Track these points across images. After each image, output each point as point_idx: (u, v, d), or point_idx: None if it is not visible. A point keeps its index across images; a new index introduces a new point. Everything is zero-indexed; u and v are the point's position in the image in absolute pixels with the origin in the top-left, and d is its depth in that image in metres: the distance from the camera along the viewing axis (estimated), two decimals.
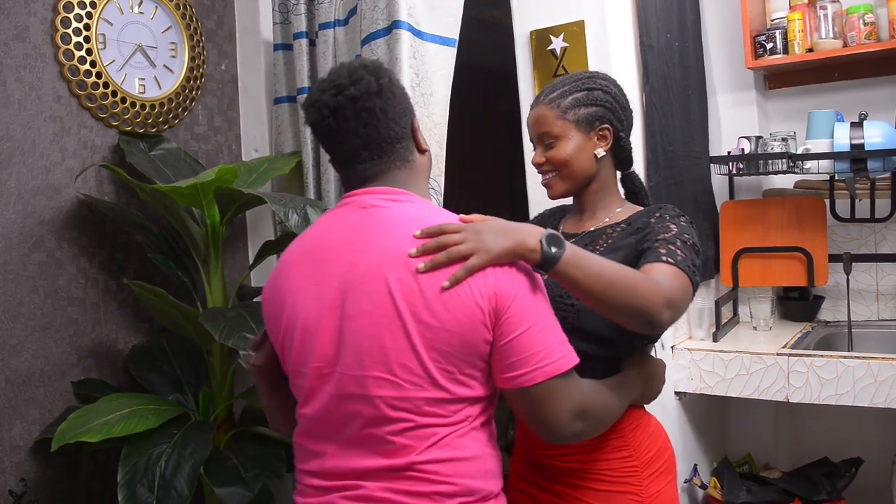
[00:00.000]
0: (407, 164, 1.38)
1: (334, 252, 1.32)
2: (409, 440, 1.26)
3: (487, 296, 1.23)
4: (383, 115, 1.33)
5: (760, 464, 2.78)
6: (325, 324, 1.30)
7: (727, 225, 2.73)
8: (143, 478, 1.96)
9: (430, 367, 1.24)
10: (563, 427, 1.28)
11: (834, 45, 2.56)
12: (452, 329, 1.23)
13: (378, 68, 1.36)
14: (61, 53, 2.36)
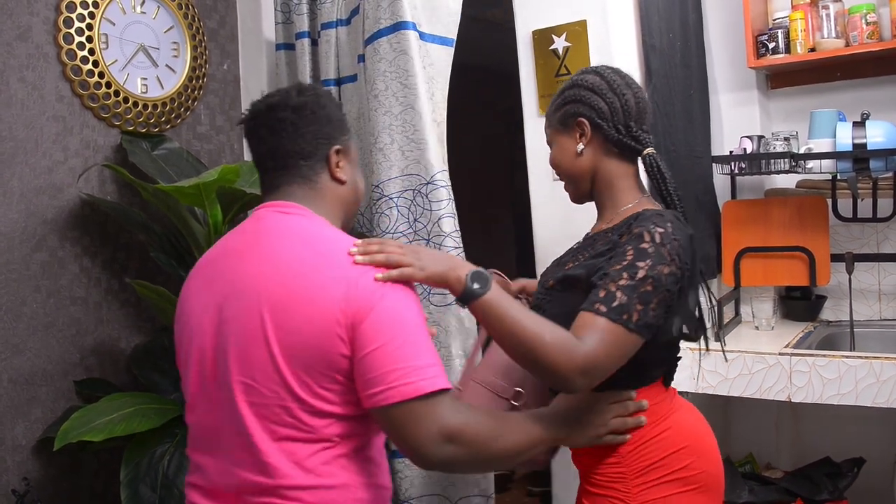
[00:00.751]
0: (308, 184, 1.40)
1: (223, 262, 1.37)
2: (275, 459, 1.26)
3: (346, 309, 1.22)
4: (292, 129, 1.38)
5: (762, 463, 2.78)
6: (205, 329, 1.34)
7: (729, 224, 2.73)
8: (145, 477, 1.97)
9: (287, 376, 1.24)
10: (429, 451, 1.22)
11: (836, 44, 2.56)
12: (309, 339, 1.23)
13: (309, 90, 1.43)
14: (64, 53, 2.37)
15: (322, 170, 1.41)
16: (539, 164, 2.29)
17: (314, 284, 1.24)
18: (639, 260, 1.35)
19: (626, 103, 1.52)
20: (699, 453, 1.51)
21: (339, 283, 1.24)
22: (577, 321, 1.34)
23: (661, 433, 1.49)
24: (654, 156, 1.53)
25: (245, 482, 1.28)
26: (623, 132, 1.52)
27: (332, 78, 2.57)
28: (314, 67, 2.68)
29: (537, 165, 2.29)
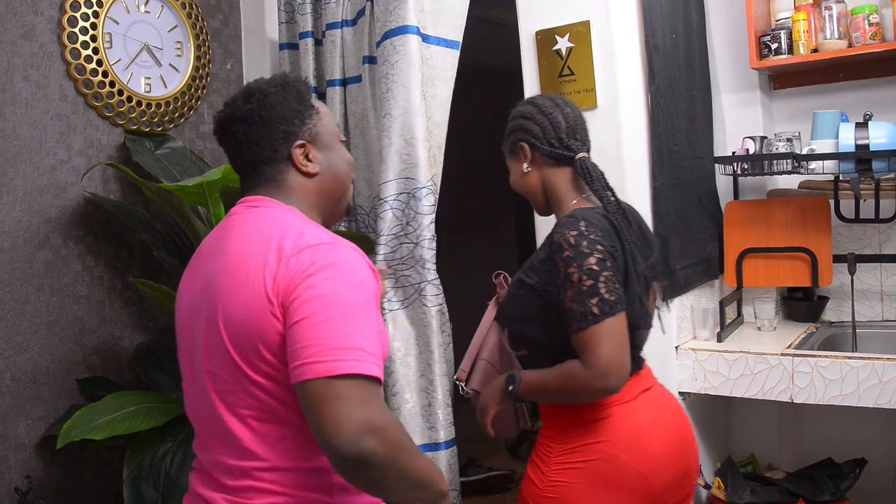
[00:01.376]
0: (275, 183, 1.41)
1: (203, 257, 1.42)
2: (250, 442, 1.26)
3: (277, 286, 1.22)
4: (246, 140, 1.39)
5: (764, 464, 2.78)
6: (186, 323, 1.39)
7: (731, 225, 2.73)
8: (147, 475, 1.97)
9: (237, 360, 1.25)
10: (347, 440, 1.12)
11: (839, 45, 2.56)
12: (248, 320, 1.23)
13: (255, 94, 1.40)
14: (68, 52, 2.37)
15: (287, 168, 1.41)
16: None
17: (253, 266, 1.25)
18: (568, 268, 1.56)
19: (554, 122, 1.74)
20: (627, 449, 1.60)
21: (273, 260, 1.24)
22: (576, 344, 1.56)
23: (595, 421, 1.63)
24: (583, 160, 1.72)
25: (228, 466, 1.29)
26: (556, 145, 1.73)
27: (337, 78, 2.57)
28: (318, 67, 2.68)
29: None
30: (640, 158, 2.26)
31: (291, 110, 1.42)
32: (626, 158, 2.17)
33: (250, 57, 2.97)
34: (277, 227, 1.30)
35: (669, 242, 2.34)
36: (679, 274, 2.41)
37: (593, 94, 2.19)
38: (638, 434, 1.62)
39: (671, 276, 2.35)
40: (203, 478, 1.37)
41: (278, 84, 1.43)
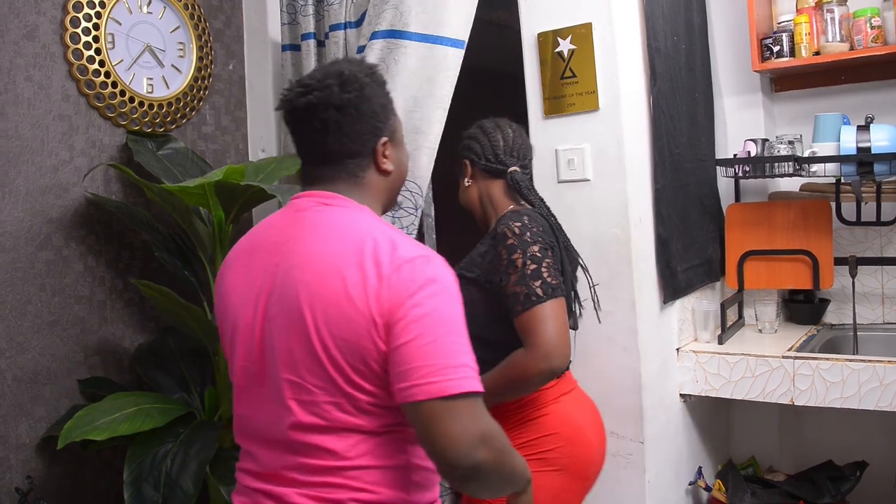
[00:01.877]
0: (355, 179, 1.38)
1: (264, 253, 1.36)
2: (329, 444, 1.26)
3: (381, 305, 1.21)
4: (336, 129, 1.34)
5: (765, 467, 2.78)
6: (249, 323, 1.33)
7: (733, 227, 2.73)
8: (148, 476, 1.97)
9: (331, 373, 1.24)
10: (462, 452, 1.16)
11: (841, 48, 2.56)
12: (349, 335, 1.22)
13: (351, 79, 1.35)
14: (70, 53, 2.37)
15: (369, 165, 1.39)
16: (543, 165, 2.29)
17: (351, 281, 1.22)
18: (512, 254, 1.74)
19: (493, 141, 1.97)
20: (569, 440, 1.82)
21: (373, 277, 1.22)
22: (518, 325, 1.71)
23: (539, 418, 1.83)
24: (513, 173, 1.94)
25: (305, 465, 1.28)
26: (491, 160, 1.96)
27: None
28: None
29: (542, 167, 2.29)
30: (641, 161, 2.27)
31: (381, 105, 1.40)
32: (628, 160, 2.18)
33: (252, 58, 2.97)
34: (366, 235, 1.27)
35: (670, 244, 2.34)
36: (680, 276, 2.41)
37: (595, 97, 2.19)
38: (579, 428, 1.85)
39: (672, 278, 2.35)
40: (262, 474, 1.34)
41: (369, 73, 1.39)
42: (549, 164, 2.28)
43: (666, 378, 2.37)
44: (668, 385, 2.38)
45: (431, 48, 2.31)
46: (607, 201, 2.20)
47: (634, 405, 2.20)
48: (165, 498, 1.94)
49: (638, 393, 2.19)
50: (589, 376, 2.25)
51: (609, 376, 2.23)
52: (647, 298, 2.24)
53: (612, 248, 2.20)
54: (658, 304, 2.32)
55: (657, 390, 2.29)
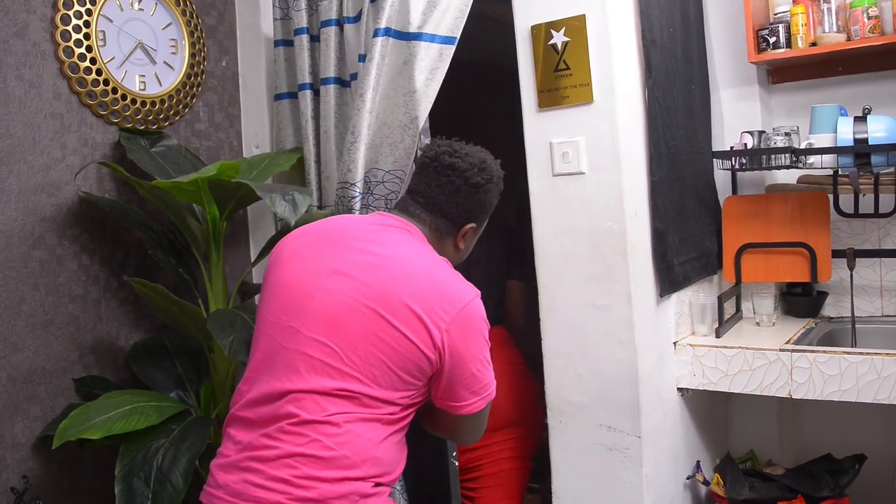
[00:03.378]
0: (438, 234, 1.72)
1: (345, 243, 1.62)
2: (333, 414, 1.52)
3: (443, 340, 1.55)
4: (454, 194, 1.70)
5: (763, 460, 2.77)
6: (312, 287, 1.58)
7: (730, 220, 2.72)
8: (139, 471, 1.98)
9: (376, 371, 1.54)
10: (476, 438, 1.79)
11: (837, 39, 2.54)
12: (407, 350, 1.53)
13: (487, 170, 1.75)
14: (61, 50, 2.36)
15: (452, 235, 1.74)
16: (538, 159, 2.28)
17: (427, 308, 1.53)
18: None
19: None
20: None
21: (445, 314, 1.54)
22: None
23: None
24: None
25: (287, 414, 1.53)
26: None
27: (331, 76, 2.55)
28: (313, 64, 2.66)
29: (536, 160, 2.28)
30: (637, 153, 2.25)
31: (490, 202, 1.78)
32: (623, 153, 2.16)
33: (246, 54, 2.96)
34: (440, 275, 1.61)
35: (667, 237, 2.33)
36: (677, 269, 2.40)
37: (589, 89, 2.17)
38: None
39: (669, 271, 2.34)
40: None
41: (500, 175, 1.80)
42: (544, 158, 2.27)
43: (663, 372, 2.36)
44: (665, 379, 2.37)
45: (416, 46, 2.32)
46: (602, 194, 2.18)
47: (631, 399, 2.19)
48: (155, 493, 1.94)
49: (635, 387, 2.18)
50: (585, 370, 2.25)
51: (605, 370, 2.22)
52: (643, 292, 2.23)
53: (607, 242, 2.18)
54: (655, 298, 2.31)
55: (654, 384, 2.28)
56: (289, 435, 1.50)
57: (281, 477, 1.48)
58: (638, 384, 2.18)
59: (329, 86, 2.54)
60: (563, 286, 2.27)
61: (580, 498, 2.31)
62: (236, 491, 1.50)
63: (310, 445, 1.49)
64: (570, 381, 2.28)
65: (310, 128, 2.62)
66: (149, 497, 1.94)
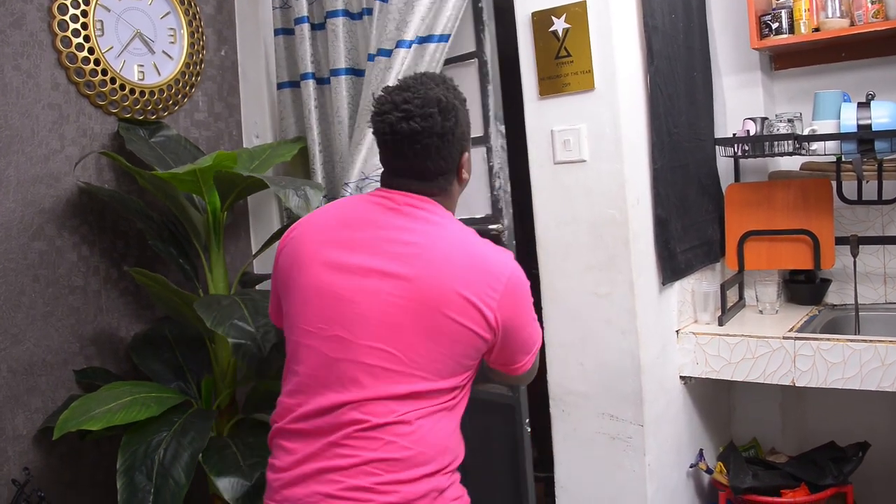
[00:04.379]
0: (442, 192, 1.57)
1: (365, 231, 1.51)
2: (383, 410, 1.44)
3: (496, 319, 1.48)
4: (436, 153, 1.51)
5: (766, 448, 2.76)
6: (342, 290, 1.48)
7: (733, 207, 2.71)
8: (141, 465, 1.97)
9: (424, 353, 1.45)
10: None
11: (841, 24, 2.52)
12: (463, 339, 1.47)
13: (450, 108, 1.50)
14: (59, 40, 2.35)
15: (454, 178, 1.58)
16: (539, 147, 2.26)
17: (474, 291, 1.45)
18: None
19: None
20: None
21: (492, 291, 1.46)
22: None
23: None
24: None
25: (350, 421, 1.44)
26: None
27: (342, 67, 2.53)
28: (314, 53, 2.65)
29: (537, 148, 2.26)
30: (638, 141, 2.24)
31: (467, 124, 1.59)
32: (625, 141, 2.15)
33: (245, 43, 2.94)
34: (476, 249, 1.52)
35: (669, 225, 2.32)
36: (680, 257, 2.39)
37: (591, 76, 2.16)
38: None
39: (671, 259, 2.33)
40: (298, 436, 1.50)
41: (462, 99, 1.57)
42: (545, 145, 2.26)
43: (666, 360, 2.35)
44: (668, 367, 2.37)
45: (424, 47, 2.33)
46: (604, 182, 2.17)
47: (634, 388, 2.18)
48: (157, 487, 1.93)
49: (638, 376, 2.17)
50: (588, 359, 2.24)
51: (608, 359, 2.21)
52: (645, 280, 2.22)
53: (609, 230, 2.17)
54: (657, 286, 2.30)
55: (657, 373, 2.27)
56: (361, 441, 1.44)
57: (361, 486, 1.42)
58: (640, 373, 2.17)
59: (340, 76, 2.52)
60: (565, 275, 2.25)
61: (583, 487, 2.31)
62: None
63: (386, 448, 1.43)
64: (573, 371, 2.27)
65: (313, 117, 2.61)
66: (150, 492, 1.93)
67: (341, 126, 2.51)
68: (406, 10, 2.31)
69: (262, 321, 2.01)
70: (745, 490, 2.38)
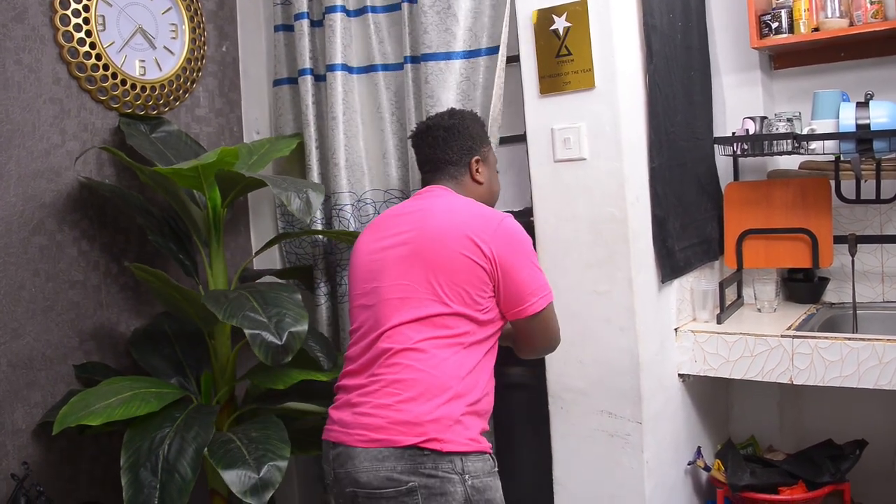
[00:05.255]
0: (455, 181, 1.97)
1: (397, 220, 1.91)
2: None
3: (488, 248, 1.77)
4: (444, 144, 1.96)
5: (764, 446, 2.77)
6: (387, 259, 1.85)
7: (732, 206, 2.71)
8: (146, 461, 1.96)
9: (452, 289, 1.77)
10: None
11: (840, 24, 2.53)
12: (464, 267, 1.77)
13: (457, 114, 2.02)
14: (60, 35, 2.35)
15: (465, 173, 1.98)
16: (539, 145, 2.27)
17: (468, 228, 1.78)
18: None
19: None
20: None
21: (484, 229, 1.78)
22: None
23: None
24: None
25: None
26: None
27: (338, 63, 2.53)
28: (313, 49, 2.65)
29: (537, 146, 2.27)
30: (638, 139, 2.24)
31: (477, 133, 2.01)
32: (624, 139, 2.15)
33: (246, 39, 2.95)
34: (475, 205, 1.88)
35: (667, 224, 2.32)
36: (678, 255, 2.39)
37: (591, 75, 2.16)
38: None
39: (670, 257, 2.34)
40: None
41: (471, 114, 2.06)
42: (545, 144, 2.26)
43: (664, 358, 2.36)
44: (666, 365, 2.37)
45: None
46: (604, 180, 2.18)
47: (632, 386, 2.19)
48: (163, 483, 1.93)
49: (636, 373, 2.18)
50: (586, 356, 2.25)
51: (607, 357, 2.21)
52: (644, 278, 2.23)
53: (608, 228, 2.18)
54: (656, 284, 2.31)
55: (655, 370, 2.28)
56: (387, 368, 1.73)
57: (383, 403, 1.70)
58: (639, 370, 2.18)
59: (336, 72, 2.52)
60: (565, 273, 2.26)
61: (581, 484, 2.31)
62: (346, 422, 1.74)
63: (405, 371, 1.71)
64: (572, 368, 2.28)
65: (310, 113, 2.61)
66: (156, 487, 1.92)
67: (335, 122, 2.52)
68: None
69: (272, 311, 2.03)
70: (742, 487, 2.39)
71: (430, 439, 1.66)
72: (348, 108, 2.54)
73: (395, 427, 1.67)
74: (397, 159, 2.56)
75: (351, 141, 2.55)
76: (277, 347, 1.96)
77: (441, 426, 1.68)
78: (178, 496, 1.93)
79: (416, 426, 1.66)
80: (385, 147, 2.56)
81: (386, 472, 1.66)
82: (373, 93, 2.56)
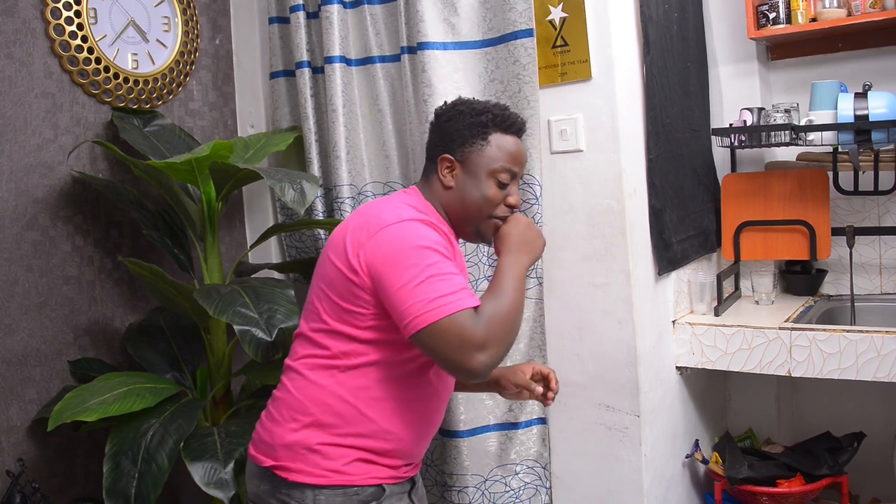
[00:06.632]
0: (424, 180, 1.73)
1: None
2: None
3: (360, 256, 1.54)
4: (429, 136, 1.74)
5: (762, 438, 2.77)
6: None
7: (729, 198, 2.71)
8: (128, 450, 1.97)
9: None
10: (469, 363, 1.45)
11: (838, 14, 2.51)
12: (333, 276, 1.58)
13: (453, 104, 1.71)
14: (52, 28, 2.32)
15: (433, 169, 1.70)
16: (535, 136, 2.25)
17: (350, 236, 1.57)
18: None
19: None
20: None
21: (360, 237, 1.55)
22: None
23: None
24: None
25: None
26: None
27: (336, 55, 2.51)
28: (309, 41, 2.63)
29: (533, 137, 2.25)
30: (635, 131, 2.23)
31: (459, 132, 1.66)
32: (622, 130, 2.14)
33: (240, 31, 2.92)
34: (374, 208, 1.62)
35: (664, 215, 2.31)
36: (675, 248, 2.39)
37: (588, 66, 2.15)
38: None
39: (667, 249, 2.33)
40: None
41: (473, 108, 1.68)
42: (542, 135, 2.25)
43: (662, 351, 2.35)
44: (664, 358, 2.37)
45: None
46: (601, 172, 2.17)
47: (630, 378, 2.18)
48: (142, 473, 1.93)
49: (634, 366, 2.17)
50: (584, 350, 2.24)
51: (604, 350, 2.21)
52: (641, 270, 2.22)
53: (605, 220, 2.17)
54: (653, 276, 2.30)
55: (653, 363, 2.27)
56: (280, 383, 1.68)
57: (262, 420, 1.68)
58: (637, 363, 2.17)
59: (334, 64, 2.50)
60: (562, 265, 2.25)
61: (579, 477, 2.31)
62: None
63: (280, 389, 1.66)
64: (569, 361, 2.27)
65: (309, 106, 2.59)
66: (135, 476, 1.93)
67: (335, 115, 2.50)
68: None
69: (264, 306, 2.01)
70: (740, 480, 2.39)
71: (277, 465, 1.59)
72: (348, 101, 2.52)
73: (259, 445, 1.65)
74: (396, 151, 2.54)
75: (351, 133, 2.53)
76: (267, 344, 1.94)
77: (291, 453, 1.58)
78: (152, 486, 1.94)
79: (271, 449, 1.61)
80: (384, 139, 2.55)
81: (255, 489, 1.65)
82: (371, 85, 2.54)
